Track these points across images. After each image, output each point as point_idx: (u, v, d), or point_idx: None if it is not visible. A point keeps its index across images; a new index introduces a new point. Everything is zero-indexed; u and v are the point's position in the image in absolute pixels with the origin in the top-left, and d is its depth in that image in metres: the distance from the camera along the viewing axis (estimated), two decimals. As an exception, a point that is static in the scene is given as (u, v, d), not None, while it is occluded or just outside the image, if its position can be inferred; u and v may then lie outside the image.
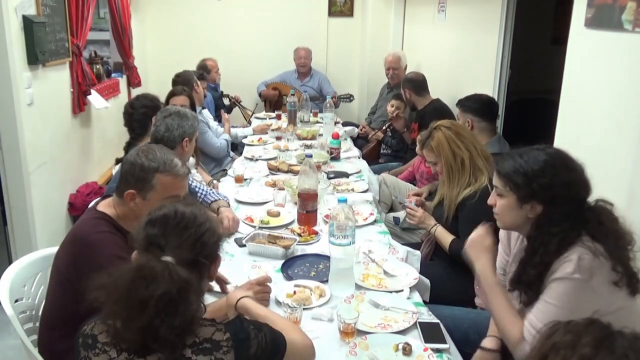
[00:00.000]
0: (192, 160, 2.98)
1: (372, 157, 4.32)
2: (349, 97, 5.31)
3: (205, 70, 4.82)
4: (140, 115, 2.85)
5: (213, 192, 2.59)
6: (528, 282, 1.53)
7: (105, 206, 1.73)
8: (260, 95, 5.66)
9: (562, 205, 1.48)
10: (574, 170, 1.50)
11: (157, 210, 1.28)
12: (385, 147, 4.43)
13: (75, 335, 1.22)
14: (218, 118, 4.58)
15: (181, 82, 3.89)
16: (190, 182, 2.64)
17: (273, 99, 5.51)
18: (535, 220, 1.54)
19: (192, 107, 3.37)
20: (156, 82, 5.45)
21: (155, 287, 1.07)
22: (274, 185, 2.96)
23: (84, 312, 1.60)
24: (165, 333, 1.07)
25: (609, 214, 1.49)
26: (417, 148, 2.92)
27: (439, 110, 3.77)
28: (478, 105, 3.02)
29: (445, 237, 2.31)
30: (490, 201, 1.65)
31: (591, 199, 1.55)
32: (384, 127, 4.37)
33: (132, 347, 1.11)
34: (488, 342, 1.74)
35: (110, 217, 1.69)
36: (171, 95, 3.43)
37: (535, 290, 1.51)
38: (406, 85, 4.07)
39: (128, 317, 1.07)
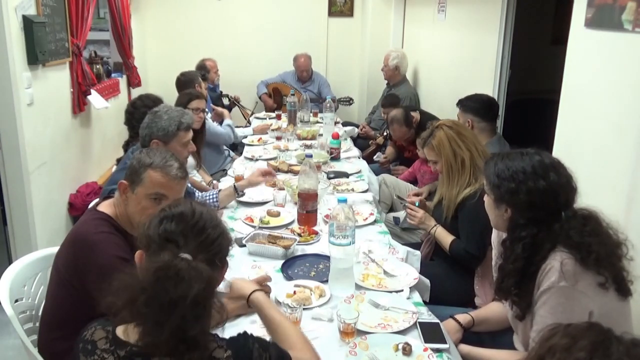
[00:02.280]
0: (191, 161, 2.98)
1: (372, 159, 4.34)
2: (348, 101, 5.31)
3: (204, 71, 4.82)
4: (140, 114, 2.84)
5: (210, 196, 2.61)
6: (509, 292, 1.55)
7: (106, 206, 1.73)
8: (260, 98, 5.66)
9: (526, 211, 1.51)
10: (545, 178, 1.49)
11: (174, 207, 1.23)
12: (384, 150, 4.45)
13: (76, 340, 1.20)
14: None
15: (184, 81, 3.90)
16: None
17: (271, 107, 5.49)
18: (507, 223, 1.58)
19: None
20: (156, 82, 5.46)
21: (185, 286, 1.02)
22: (274, 185, 2.96)
23: (84, 313, 1.60)
24: (195, 333, 1.02)
25: (584, 225, 1.47)
26: (419, 150, 2.93)
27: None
28: (478, 106, 3.02)
29: (446, 238, 2.31)
30: (484, 197, 1.70)
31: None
32: (385, 134, 4.39)
33: (138, 352, 1.07)
34: (461, 317, 1.86)
35: (111, 218, 1.69)
36: (189, 100, 3.32)
37: (524, 303, 1.52)
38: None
39: (157, 320, 1.01)
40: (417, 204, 2.47)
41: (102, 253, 1.57)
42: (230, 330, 1.63)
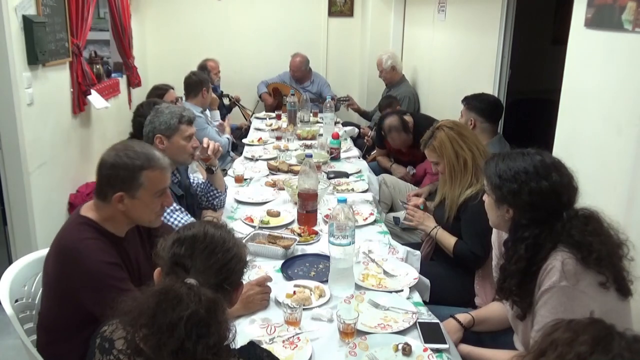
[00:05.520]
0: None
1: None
2: (349, 100, 5.31)
3: (205, 71, 4.82)
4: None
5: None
6: (511, 292, 1.55)
7: (88, 210, 1.67)
8: (260, 97, 5.65)
9: (529, 211, 1.51)
10: (547, 179, 1.50)
11: (186, 229, 1.23)
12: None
13: (93, 334, 1.20)
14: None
15: (195, 81, 3.92)
16: (192, 180, 2.65)
17: (272, 106, 5.48)
18: (509, 224, 1.58)
19: None
20: (156, 82, 5.40)
21: (182, 308, 1.03)
22: (274, 185, 2.96)
23: (78, 320, 1.59)
24: (203, 353, 1.03)
25: (586, 225, 1.47)
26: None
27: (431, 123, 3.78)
28: (484, 106, 3.02)
29: (448, 239, 2.29)
30: (484, 197, 1.70)
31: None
32: (370, 134, 4.47)
33: None
34: (462, 316, 1.86)
35: (94, 222, 1.63)
36: (160, 96, 3.46)
37: (525, 303, 1.52)
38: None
39: (158, 342, 1.03)
40: (421, 207, 2.45)
41: (88, 260, 1.54)
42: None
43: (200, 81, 3.93)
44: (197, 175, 2.83)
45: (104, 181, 1.62)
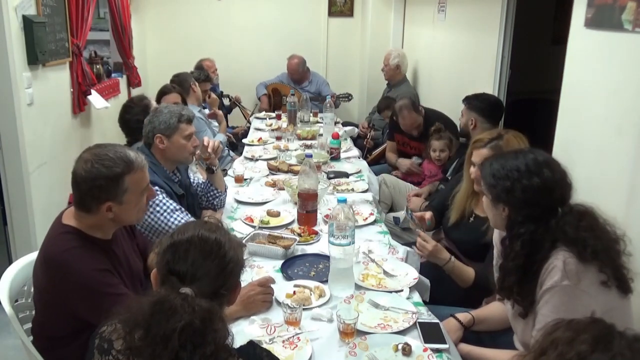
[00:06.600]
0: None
1: (378, 159, 4.38)
2: (348, 97, 5.31)
3: (203, 71, 4.81)
4: (135, 122, 2.82)
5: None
6: (511, 290, 1.55)
7: (70, 218, 1.63)
8: (259, 100, 5.65)
9: (523, 209, 1.52)
10: (539, 175, 1.50)
11: (180, 233, 1.21)
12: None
13: (92, 334, 1.20)
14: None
15: (178, 81, 3.92)
16: (192, 180, 2.64)
17: (266, 110, 5.46)
18: (505, 222, 1.59)
19: (184, 103, 3.47)
20: (156, 82, 5.43)
21: (177, 319, 1.02)
22: (274, 185, 2.96)
23: (72, 329, 1.57)
24: None
25: (579, 221, 1.48)
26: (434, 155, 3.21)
27: (440, 117, 3.79)
28: (484, 106, 3.02)
29: (466, 272, 2.11)
30: (482, 197, 1.71)
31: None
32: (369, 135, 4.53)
33: None
34: (462, 316, 1.85)
35: (78, 230, 1.60)
36: (162, 94, 3.45)
37: (526, 302, 1.52)
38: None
39: (153, 353, 1.02)
40: (428, 223, 2.38)
41: (78, 270, 1.52)
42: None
43: (184, 79, 3.95)
44: (197, 175, 2.83)
45: (87, 195, 1.57)
